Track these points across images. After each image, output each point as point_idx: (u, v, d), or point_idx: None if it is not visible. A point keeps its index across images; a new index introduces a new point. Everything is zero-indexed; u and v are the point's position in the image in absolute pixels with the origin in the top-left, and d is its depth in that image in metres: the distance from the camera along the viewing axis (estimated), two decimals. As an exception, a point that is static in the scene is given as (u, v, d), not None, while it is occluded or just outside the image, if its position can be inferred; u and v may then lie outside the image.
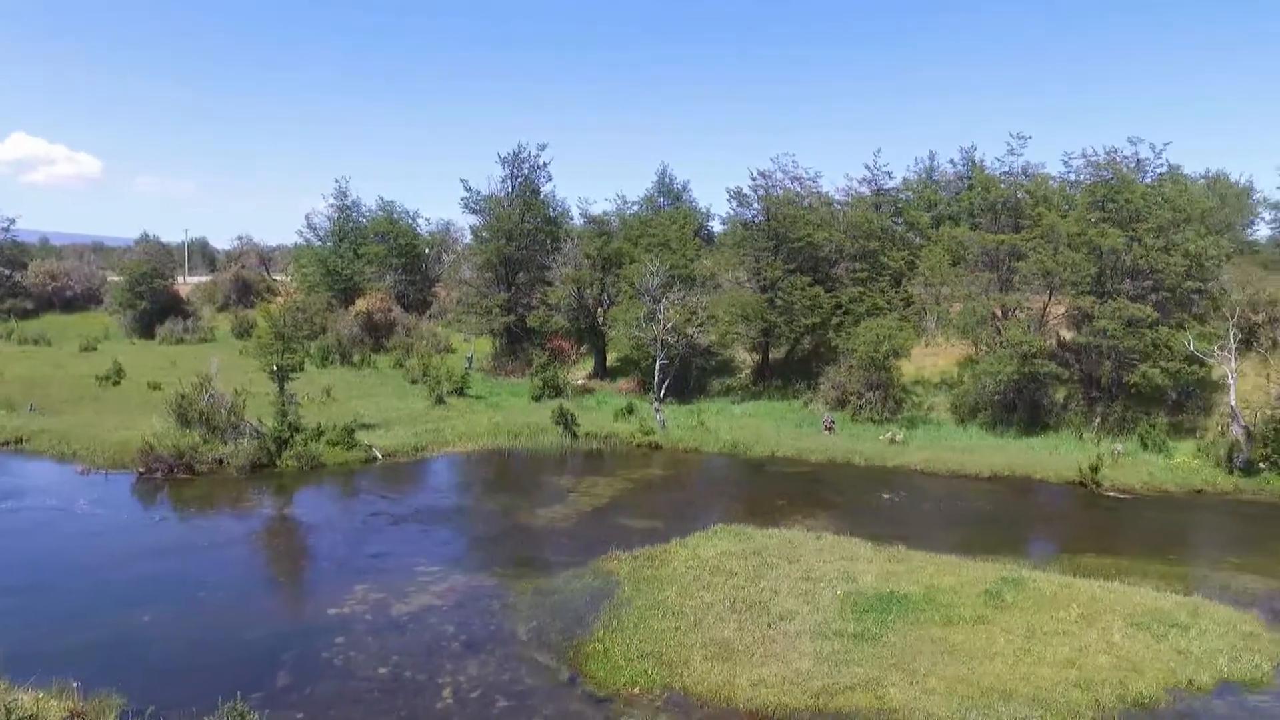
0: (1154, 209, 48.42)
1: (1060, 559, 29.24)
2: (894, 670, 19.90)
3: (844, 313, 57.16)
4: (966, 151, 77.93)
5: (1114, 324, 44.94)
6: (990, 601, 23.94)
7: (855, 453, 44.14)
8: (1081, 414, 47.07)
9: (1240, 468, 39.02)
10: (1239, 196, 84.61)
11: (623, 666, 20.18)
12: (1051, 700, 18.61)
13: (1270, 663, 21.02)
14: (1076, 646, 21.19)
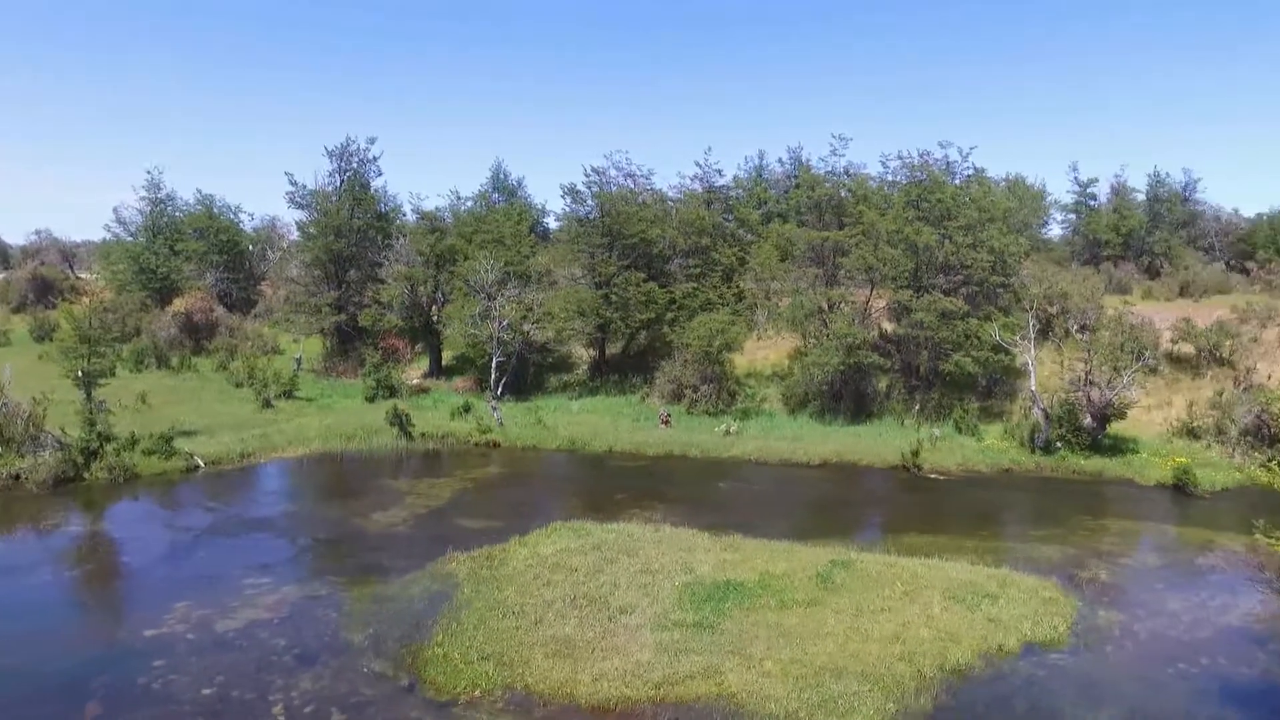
0: (962, 208, 51.75)
1: (886, 540, 30.87)
2: (732, 656, 20.53)
3: (678, 308, 58.31)
4: (794, 151, 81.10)
5: (930, 316, 47.76)
6: (821, 584, 25.03)
7: (692, 445, 45.09)
8: (903, 402, 49.75)
9: (1041, 447, 42.24)
10: (1035, 198, 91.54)
11: (463, 669, 19.97)
12: (879, 674, 19.68)
13: (1066, 624, 23.03)
14: (900, 622, 22.48)
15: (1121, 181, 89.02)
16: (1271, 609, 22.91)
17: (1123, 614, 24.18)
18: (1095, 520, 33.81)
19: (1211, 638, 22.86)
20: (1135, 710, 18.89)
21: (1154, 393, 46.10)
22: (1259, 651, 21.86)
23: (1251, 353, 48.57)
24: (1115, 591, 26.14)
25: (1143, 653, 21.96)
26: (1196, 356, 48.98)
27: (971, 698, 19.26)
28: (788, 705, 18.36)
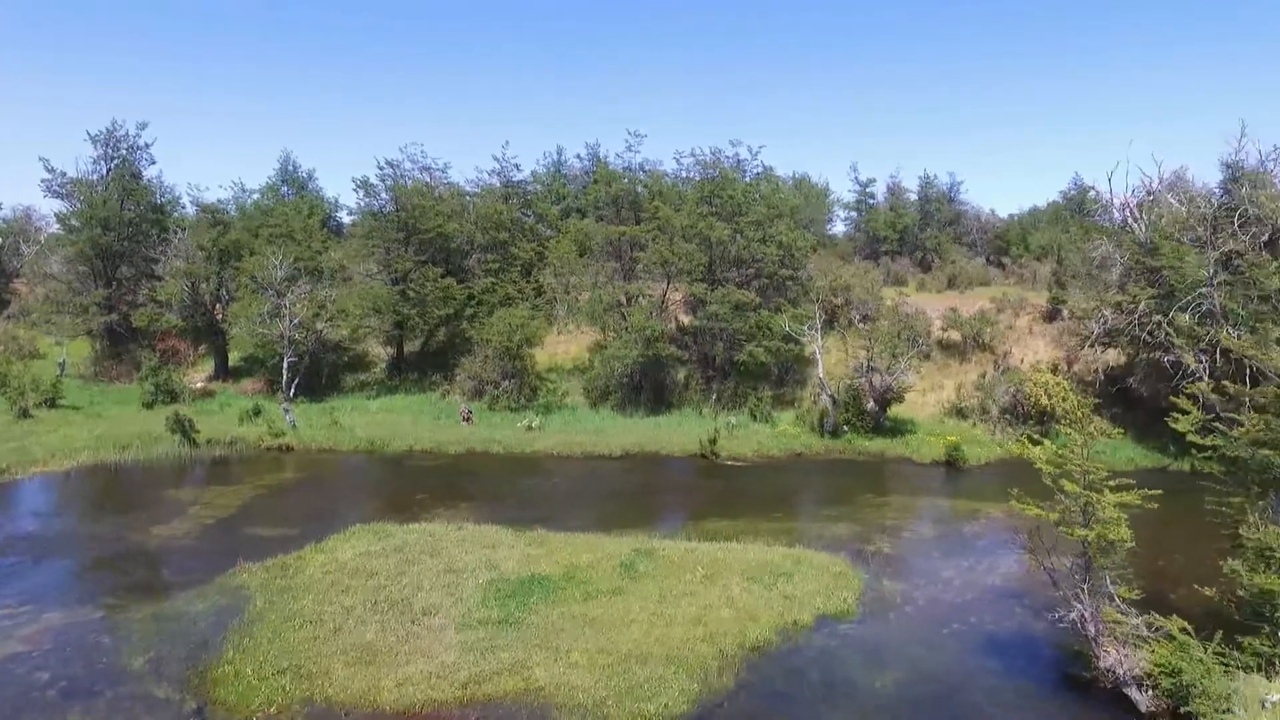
0: (753, 205, 53.83)
1: (687, 526, 31.62)
2: (539, 650, 20.40)
3: (477, 303, 57.52)
4: (592, 148, 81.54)
5: (724, 308, 49.37)
6: (625, 573, 25.32)
7: (494, 441, 44.62)
8: (700, 392, 51.19)
9: (829, 431, 44.60)
10: (819, 196, 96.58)
11: (257, 686, 18.81)
12: (683, 657, 20.10)
13: (854, 596, 24.41)
14: (702, 605, 23.07)
15: (897, 182, 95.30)
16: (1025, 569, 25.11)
17: (904, 583, 25.87)
18: (879, 497, 36.08)
19: (978, 599, 24.88)
20: (916, 669, 20.28)
21: (928, 377, 49.66)
22: (1016, 607, 23.97)
23: (1007, 338, 53.31)
24: (897, 563, 27.94)
25: (922, 617, 23.57)
26: (963, 343, 53.15)
27: (770, 671, 20.03)
28: (595, 694, 18.44)
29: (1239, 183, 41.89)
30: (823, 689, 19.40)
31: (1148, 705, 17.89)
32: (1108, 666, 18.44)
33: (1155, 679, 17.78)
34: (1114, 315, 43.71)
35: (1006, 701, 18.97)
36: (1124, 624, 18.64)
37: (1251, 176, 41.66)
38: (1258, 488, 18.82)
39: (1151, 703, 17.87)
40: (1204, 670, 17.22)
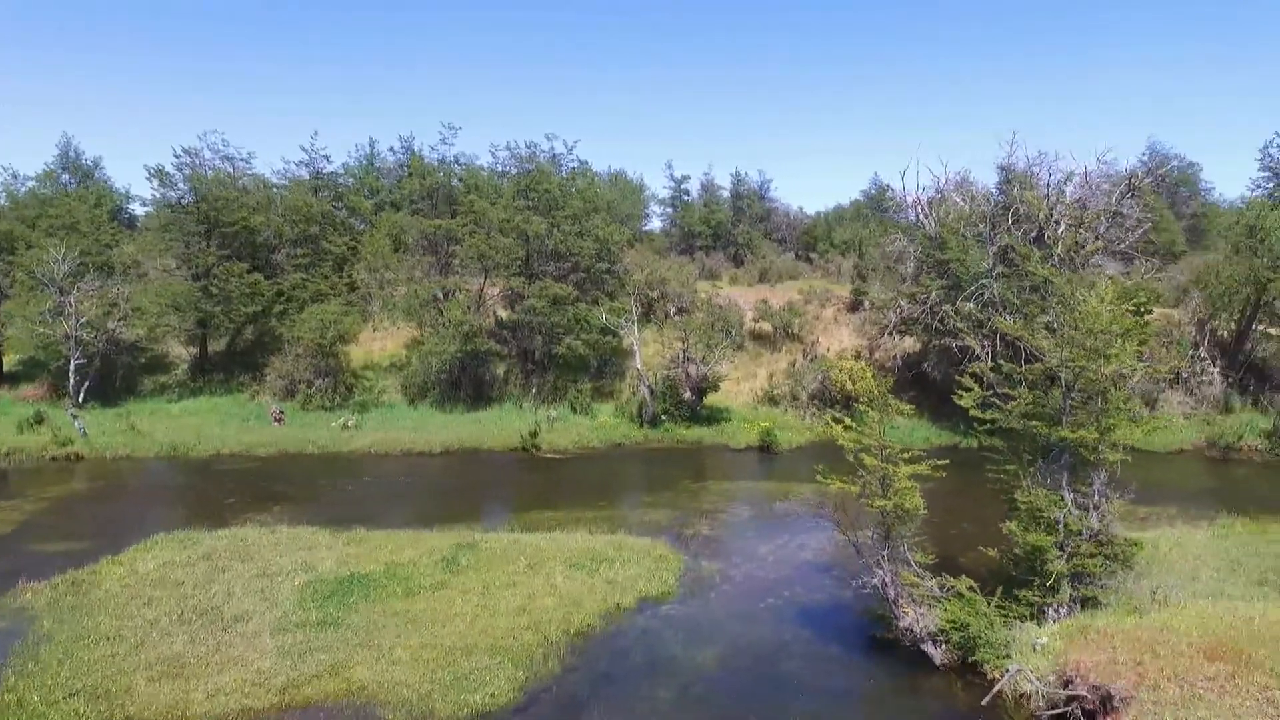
0: (569, 199, 54.16)
1: (510, 519, 31.59)
2: (360, 649, 19.93)
3: (287, 300, 55.09)
4: (406, 140, 79.70)
5: (542, 302, 49.48)
6: (448, 567, 25.08)
7: (308, 442, 43.02)
8: (520, 386, 51.10)
9: (648, 421, 45.60)
10: (635, 191, 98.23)
11: (45, 712, 17.39)
12: (508, 646, 20.13)
13: (674, 577, 25.15)
14: (526, 594, 23.17)
15: (710, 180, 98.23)
16: (834, 542, 26.61)
17: (722, 563, 26.87)
18: (697, 483, 37.24)
19: (791, 573, 26.17)
20: (735, 642, 21.15)
21: (741, 366, 51.58)
22: (826, 578, 25.39)
23: (815, 328, 56.14)
24: (715, 544, 28.98)
25: (739, 594, 24.56)
26: (774, 333, 55.51)
27: (595, 654, 20.38)
28: (420, 689, 18.20)
29: (1012, 184, 45.79)
30: (646, 668, 19.91)
31: (941, 658, 19.40)
32: (906, 626, 19.86)
33: (947, 634, 19.29)
34: (909, 305, 46.88)
35: (818, 665, 20.11)
36: (920, 586, 20.12)
37: (1021, 178, 45.63)
38: (1029, 456, 20.75)
39: (945, 656, 19.40)
40: (987, 623, 18.87)
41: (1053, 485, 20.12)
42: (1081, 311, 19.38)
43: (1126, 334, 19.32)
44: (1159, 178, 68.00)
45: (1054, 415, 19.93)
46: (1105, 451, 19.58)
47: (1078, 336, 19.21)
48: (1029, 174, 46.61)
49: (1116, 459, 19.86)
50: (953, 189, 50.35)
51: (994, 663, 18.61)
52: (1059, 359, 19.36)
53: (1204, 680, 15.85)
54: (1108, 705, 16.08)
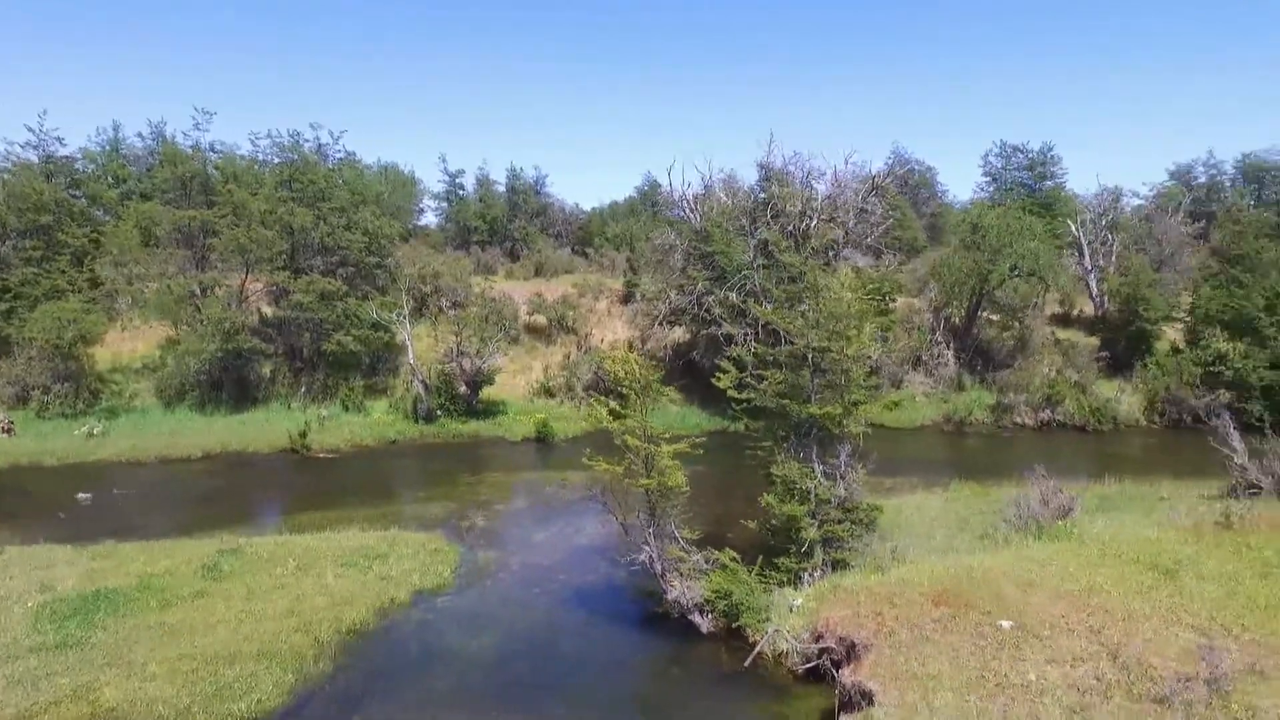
0: (336, 191, 52.26)
1: (279, 522, 30.31)
2: (109, 669, 18.63)
3: (15, 297, 49.81)
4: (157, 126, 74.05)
5: (309, 297, 47.48)
6: (209, 575, 23.82)
7: (45, 453, 39.32)
8: (289, 385, 48.81)
9: (424, 417, 44.91)
10: (407, 185, 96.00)
11: None
12: (275, 650, 19.44)
13: (450, 569, 25.15)
14: (295, 596, 22.40)
15: (485, 175, 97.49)
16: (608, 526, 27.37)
17: (499, 552, 27.07)
18: (474, 476, 37.17)
19: (567, 558, 26.77)
20: (511, 629, 21.46)
21: (517, 359, 51.75)
22: (600, 560, 26.12)
23: (589, 321, 57.21)
24: (492, 535, 29.12)
25: (516, 581, 24.86)
26: (549, 326, 56.03)
27: (369, 651, 20.06)
28: (178, 703, 17.26)
29: (770, 181, 48.60)
30: (422, 660, 19.83)
31: (708, 626, 20.53)
32: (674, 598, 20.85)
33: (713, 603, 20.43)
34: (678, 297, 48.70)
35: (594, 643, 20.77)
36: (686, 560, 21.17)
37: (779, 176, 48.52)
38: (783, 432, 22.33)
39: (711, 624, 20.54)
40: (749, 590, 20.14)
41: (804, 459, 21.73)
42: (826, 298, 21.03)
43: (862, 316, 21.12)
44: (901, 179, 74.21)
45: (804, 394, 21.52)
46: (849, 425, 21.35)
47: (823, 321, 20.85)
48: (786, 172, 49.59)
49: (859, 432, 21.70)
50: (719, 186, 52.74)
51: (755, 626, 19.90)
52: (806, 341, 20.93)
53: (931, 623, 17.69)
54: (852, 653, 17.63)
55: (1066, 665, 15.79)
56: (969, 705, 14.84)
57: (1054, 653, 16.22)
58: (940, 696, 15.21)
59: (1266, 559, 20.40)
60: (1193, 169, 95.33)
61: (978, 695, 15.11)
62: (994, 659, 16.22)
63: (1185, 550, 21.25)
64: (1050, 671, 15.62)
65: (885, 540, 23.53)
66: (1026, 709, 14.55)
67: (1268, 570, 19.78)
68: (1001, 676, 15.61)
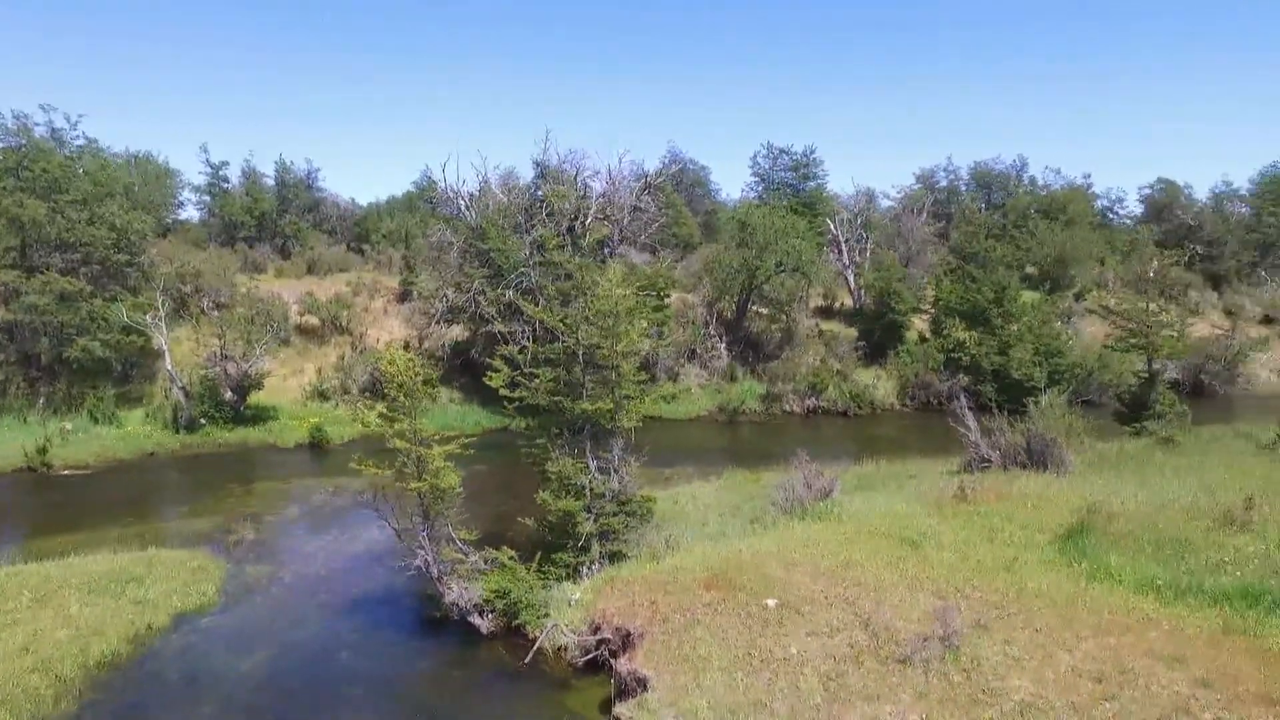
0: (75, 181, 47.78)
1: (13, 550, 27.46)
2: None
3: None
4: None
5: (45, 299, 43.20)
6: (-76, 614, 21.30)
7: None
8: (24, 396, 44.27)
9: (185, 426, 42.05)
10: (163, 176, 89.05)
11: None
12: (6, 696, 17.64)
13: (215, 587, 23.77)
14: (31, 631, 20.42)
15: (252, 167, 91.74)
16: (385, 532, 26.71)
17: (270, 565, 25.83)
18: (243, 487, 35.23)
19: (343, 567, 25.94)
20: (284, 645, 20.56)
21: (288, 362, 49.43)
22: (378, 567, 25.46)
23: (364, 320, 55.47)
24: (262, 547, 27.73)
25: (289, 595, 23.82)
26: (322, 326, 53.84)
27: (123, 683, 18.66)
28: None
29: (546, 179, 48.89)
30: (184, 686, 18.66)
31: (488, 627, 20.50)
32: (452, 601, 20.69)
33: (492, 603, 20.43)
34: (455, 294, 48.10)
35: (371, 653, 20.25)
36: (464, 561, 21.05)
37: (554, 174, 48.91)
38: (557, 429, 22.60)
39: (491, 624, 20.53)
40: (527, 587, 20.30)
41: (578, 455, 22.10)
42: (596, 295, 21.46)
43: (631, 313, 21.71)
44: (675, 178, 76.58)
45: (576, 391, 21.89)
46: (622, 420, 21.91)
47: (593, 318, 21.27)
48: (561, 170, 50.02)
49: (632, 426, 22.30)
50: (496, 183, 52.48)
51: (534, 623, 20.07)
52: (577, 339, 21.29)
53: (702, 607, 18.50)
54: (628, 642, 18.15)
55: (825, 636, 16.94)
56: (736, 682, 15.64)
57: (814, 626, 17.36)
58: (710, 676, 15.94)
59: (993, 525, 22.76)
60: (935, 174, 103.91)
61: (744, 671, 15.96)
62: (760, 636, 17.16)
63: (929, 522, 23.31)
64: (810, 643, 16.71)
65: (661, 529, 24.30)
66: (788, 680, 15.50)
67: (993, 535, 22.07)
68: (766, 652, 16.54)
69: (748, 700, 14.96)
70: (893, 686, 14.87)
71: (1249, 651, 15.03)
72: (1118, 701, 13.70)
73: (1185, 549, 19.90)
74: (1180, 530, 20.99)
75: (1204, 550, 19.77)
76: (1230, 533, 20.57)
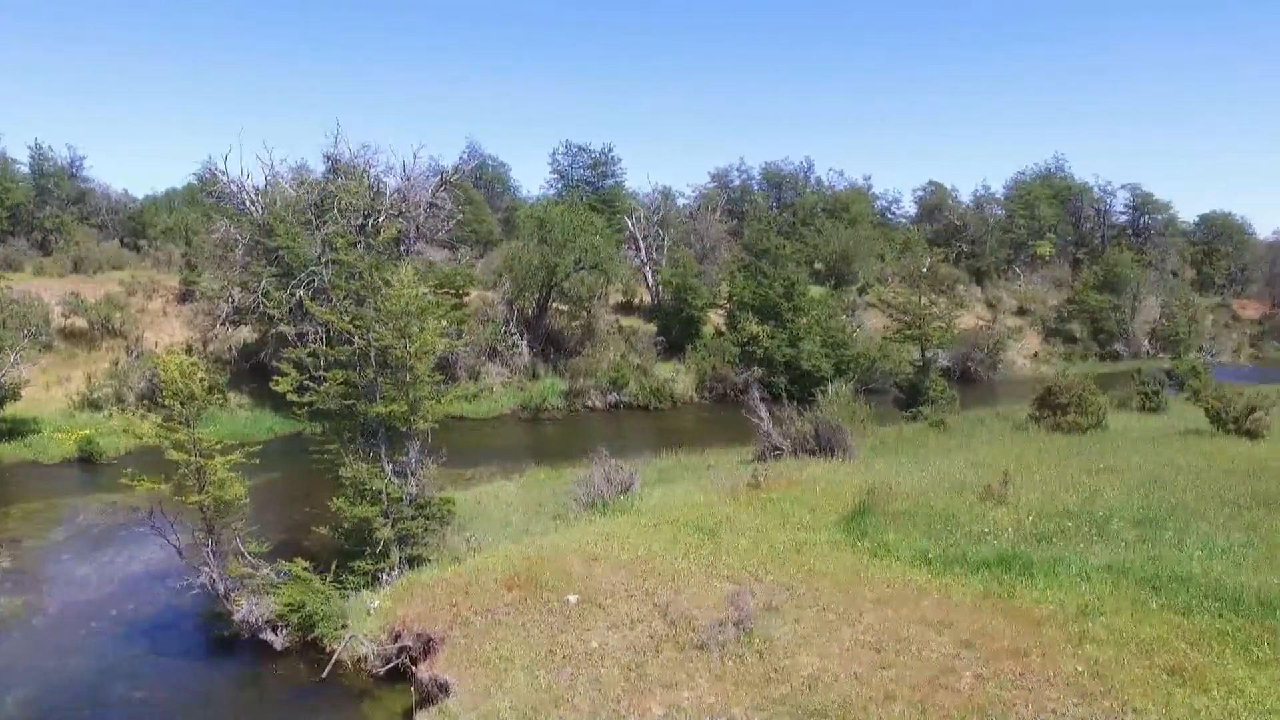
0: None
1: None
2: None
3: None
4: None
5: None
6: None
7: None
8: None
9: (-74, 444, 37.77)
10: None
11: None
12: None
13: (-35, 622, 21.50)
14: None
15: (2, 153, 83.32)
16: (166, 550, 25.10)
17: (30, 595, 23.75)
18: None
19: (120, 590, 24.14)
20: (49, 680, 18.93)
21: (51, 369, 45.33)
22: (160, 588, 23.84)
23: (140, 322, 51.57)
24: (22, 576, 25.43)
25: (54, 626, 21.93)
26: (91, 329, 49.67)
27: None
28: None
29: (338, 173, 47.15)
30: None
31: (282, 642, 19.64)
32: (242, 618, 19.69)
33: (286, 617, 19.57)
34: (242, 294, 45.59)
35: (153, 680, 18.99)
36: (254, 576, 20.06)
37: (346, 169, 47.25)
38: (350, 434, 21.89)
39: (285, 640, 19.68)
40: (324, 599, 19.59)
41: (374, 459, 21.53)
42: (387, 295, 20.95)
43: (424, 312, 21.36)
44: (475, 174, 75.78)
45: (369, 393, 21.30)
46: (417, 422, 21.51)
47: (384, 318, 20.76)
48: (354, 165, 48.37)
49: (428, 427, 21.93)
50: (286, 177, 50.12)
51: (332, 635, 19.40)
52: (367, 340, 20.71)
53: (504, 606, 18.47)
54: (429, 648, 17.88)
55: (625, 628, 17.28)
56: (538, 680, 15.72)
57: (615, 619, 17.68)
58: (512, 676, 15.94)
59: (784, 510, 23.92)
60: (729, 173, 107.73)
61: (546, 669, 16.06)
62: (562, 633, 17.32)
63: (725, 510, 24.21)
64: (611, 636, 17.01)
65: (463, 531, 24.10)
66: (590, 674, 15.73)
67: (785, 520, 23.19)
68: (569, 648, 16.70)
69: (550, 697, 15.08)
70: (690, 672, 15.38)
71: (1004, 612, 16.55)
72: (894, 668, 14.76)
73: (953, 523, 21.65)
74: (949, 506, 22.83)
75: (968, 523, 21.59)
76: (990, 506, 22.56)
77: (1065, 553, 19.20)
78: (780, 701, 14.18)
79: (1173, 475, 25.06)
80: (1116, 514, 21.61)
